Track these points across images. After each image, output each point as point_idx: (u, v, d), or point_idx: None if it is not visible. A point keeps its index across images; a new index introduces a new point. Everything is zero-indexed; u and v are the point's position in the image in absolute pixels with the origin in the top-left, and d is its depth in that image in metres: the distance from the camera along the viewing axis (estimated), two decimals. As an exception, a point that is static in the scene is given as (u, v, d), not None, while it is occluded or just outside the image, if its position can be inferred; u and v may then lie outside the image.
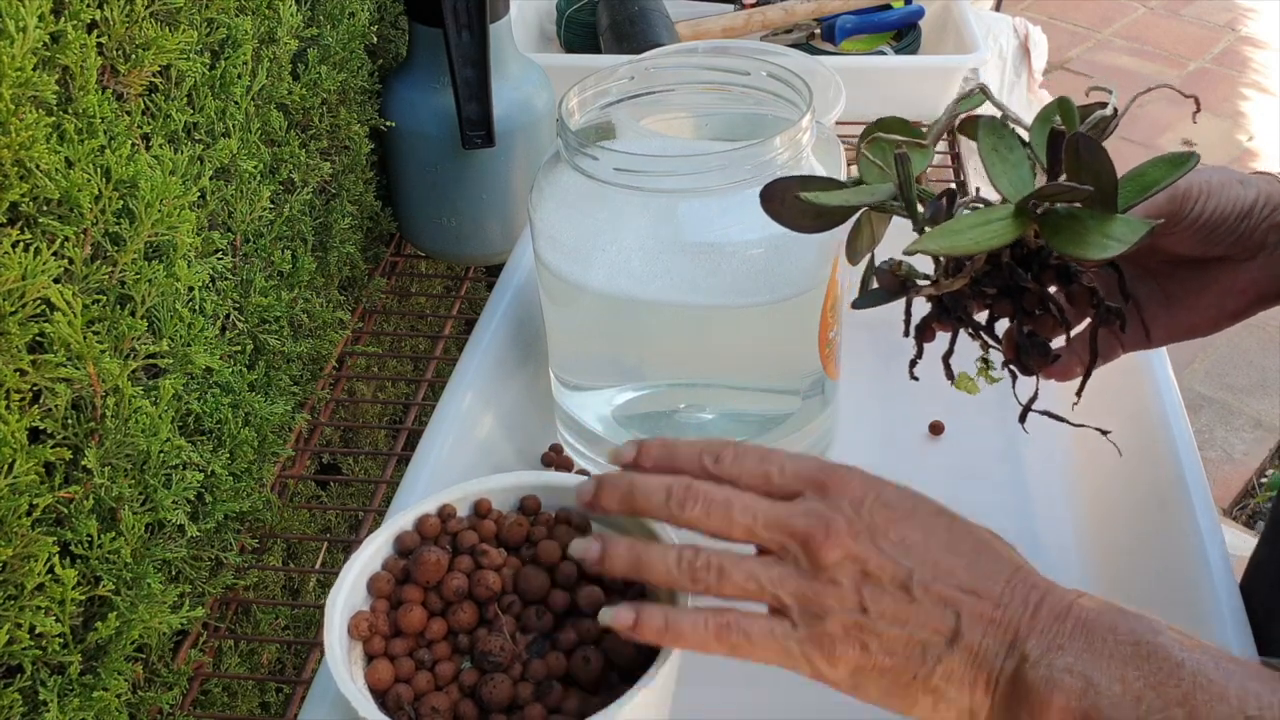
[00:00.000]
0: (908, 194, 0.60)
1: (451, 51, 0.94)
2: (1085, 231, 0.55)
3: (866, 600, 0.50)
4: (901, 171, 0.59)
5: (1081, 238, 0.55)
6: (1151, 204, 0.59)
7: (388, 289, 1.11)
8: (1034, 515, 0.79)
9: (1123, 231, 0.54)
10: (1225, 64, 3.05)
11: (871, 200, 0.62)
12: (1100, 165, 0.54)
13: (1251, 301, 0.64)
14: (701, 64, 0.80)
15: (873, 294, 0.65)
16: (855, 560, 0.50)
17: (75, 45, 0.60)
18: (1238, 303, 0.64)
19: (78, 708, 0.63)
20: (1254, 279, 0.63)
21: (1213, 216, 0.61)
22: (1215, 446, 2.00)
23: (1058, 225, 0.56)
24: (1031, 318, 0.61)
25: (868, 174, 0.64)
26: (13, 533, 0.58)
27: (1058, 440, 0.84)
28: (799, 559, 0.51)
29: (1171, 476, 0.73)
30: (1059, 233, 0.56)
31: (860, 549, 0.50)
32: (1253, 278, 0.63)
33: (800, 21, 1.34)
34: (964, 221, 0.58)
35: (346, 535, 1.03)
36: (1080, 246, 0.55)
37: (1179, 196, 0.61)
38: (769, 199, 0.63)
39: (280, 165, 0.86)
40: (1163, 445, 0.75)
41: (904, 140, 0.61)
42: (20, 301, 0.57)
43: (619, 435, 0.81)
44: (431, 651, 0.61)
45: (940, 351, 0.65)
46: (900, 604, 0.50)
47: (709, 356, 0.78)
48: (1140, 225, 0.54)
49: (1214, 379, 2.12)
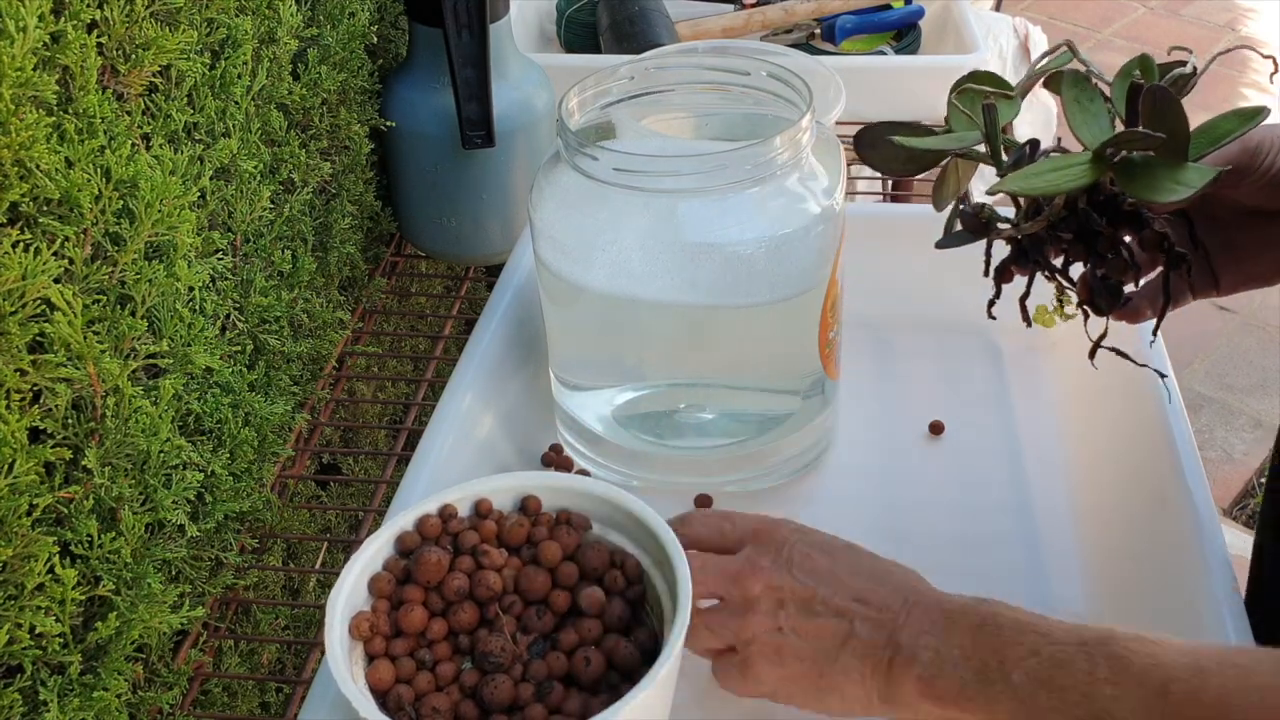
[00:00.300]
0: (994, 142, 0.64)
1: (451, 51, 0.94)
2: (1157, 178, 0.59)
3: (781, 620, 0.59)
4: (989, 120, 0.63)
5: (1153, 183, 0.59)
6: (1223, 154, 0.62)
7: (388, 289, 1.11)
8: (1034, 515, 0.79)
9: (1192, 177, 0.58)
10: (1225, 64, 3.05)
11: (960, 147, 0.66)
12: (1174, 115, 0.58)
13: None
14: (701, 64, 0.80)
15: (956, 235, 0.69)
16: (774, 590, 0.60)
17: (75, 45, 0.60)
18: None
19: (78, 708, 0.63)
20: None
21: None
22: (1215, 446, 2.00)
23: (1132, 172, 0.60)
24: (1104, 261, 0.65)
25: (956, 122, 0.67)
26: (13, 533, 0.58)
27: (1058, 440, 0.84)
28: (734, 599, 0.61)
29: (1171, 476, 0.73)
30: (1133, 179, 0.60)
31: (778, 580, 0.60)
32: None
33: (800, 21, 1.34)
34: (1044, 165, 0.62)
35: (346, 535, 1.03)
36: (1152, 191, 0.59)
37: (1250, 149, 0.63)
38: (863, 144, 0.69)
39: (280, 165, 0.86)
40: (1163, 445, 0.75)
41: (992, 91, 0.65)
42: (20, 301, 0.57)
43: (619, 435, 0.81)
44: (432, 652, 0.61)
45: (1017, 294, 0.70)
46: (807, 619, 0.59)
47: (709, 356, 0.78)
48: (1208, 172, 0.58)
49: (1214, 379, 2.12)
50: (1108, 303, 0.66)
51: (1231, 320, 2.25)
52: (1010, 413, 0.87)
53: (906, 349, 0.93)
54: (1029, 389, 0.88)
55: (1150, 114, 0.59)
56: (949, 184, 0.70)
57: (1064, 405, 0.87)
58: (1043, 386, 0.88)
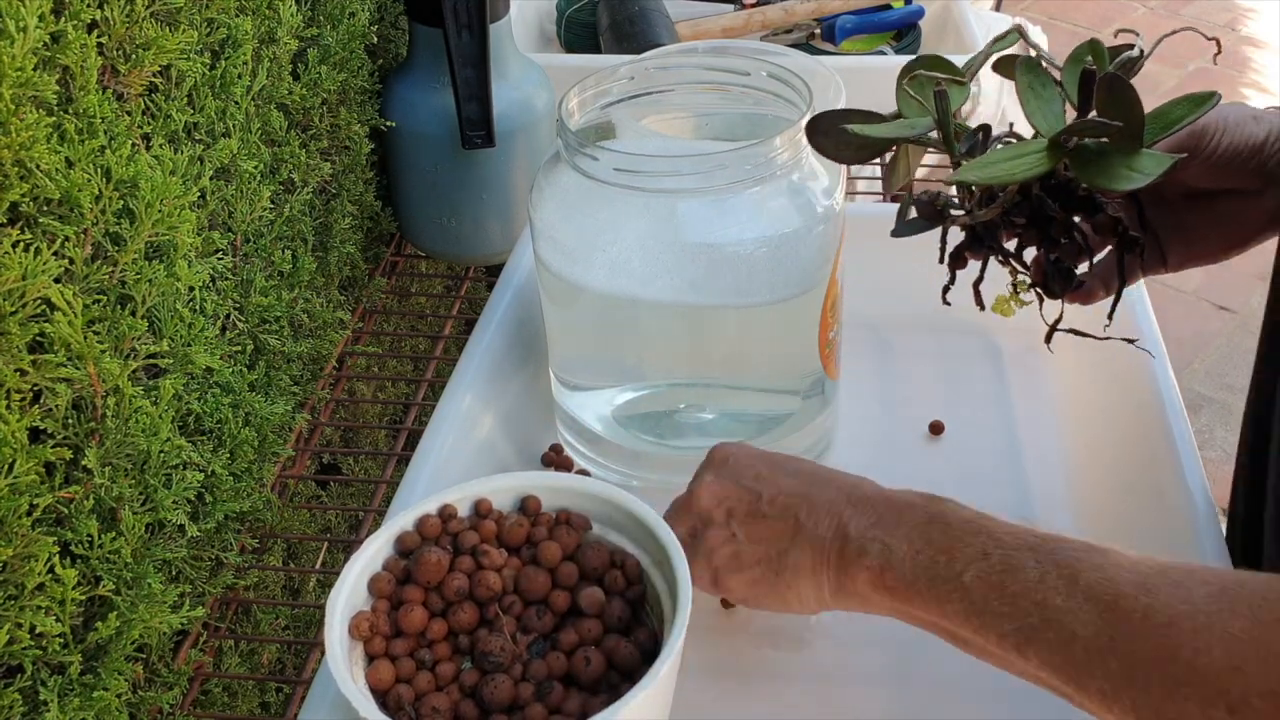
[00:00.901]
0: (945, 128, 0.63)
1: (451, 51, 0.94)
2: (1113, 165, 0.59)
3: (734, 528, 0.62)
4: (940, 107, 0.63)
5: (1109, 170, 0.59)
6: (1173, 139, 0.63)
7: (388, 289, 1.11)
8: (1034, 515, 0.79)
9: (1148, 165, 0.58)
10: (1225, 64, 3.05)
11: (912, 134, 0.66)
12: (1129, 103, 0.58)
13: (1259, 229, 0.68)
14: (701, 64, 0.80)
15: (911, 223, 0.69)
16: (721, 500, 0.63)
17: (75, 45, 0.60)
18: (1246, 231, 0.68)
19: (78, 708, 0.63)
20: (1265, 209, 0.66)
21: (1228, 151, 0.65)
22: (1215, 446, 2.00)
23: (1087, 159, 0.60)
24: (1057, 245, 0.65)
25: (906, 109, 0.67)
26: (13, 533, 0.58)
27: (1058, 440, 0.84)
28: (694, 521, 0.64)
29: (1171, 476, 0.73)
30: (1088, 166, 0.60)
31: (723, 490, 0.63)
32: (1264, 208, 0.66)
33: (800, 21, 1.34)
34: (1000, 154, 0.62)
35: (346, 535, 1.03)
36: (1108, 178, 0.59)
37: (1197, 133, 0.64)
38: (815, 133, 0.68)
39: (280, 165, 0.86)
40: (1163, 445, 0.75)
41: (943, 77, 0.65)
42: (20, 301, 0.57)
43: (619, 435, 0.81)
44: (432, 652, 0.61)
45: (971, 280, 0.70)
46: (755, 522, 0.61)
47: (709, 356, 0.78)
48: (1164, 159, 0.58)
49: (1214, 379, 2.12)
50: (1061, 286, 0.67)
51: (1231, 320, 2.25)
52: (1010, 413, 0.87)
53: (906, 349, 0.93)
54: (1029, 389, 0.88)
55: (1105, 101, 0.59)
56: (899, 170, 0.71)
57: (1064, 405, 0.87)
58: (1043, 386, 0.88)
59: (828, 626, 0.72)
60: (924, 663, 0.68)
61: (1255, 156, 0.65)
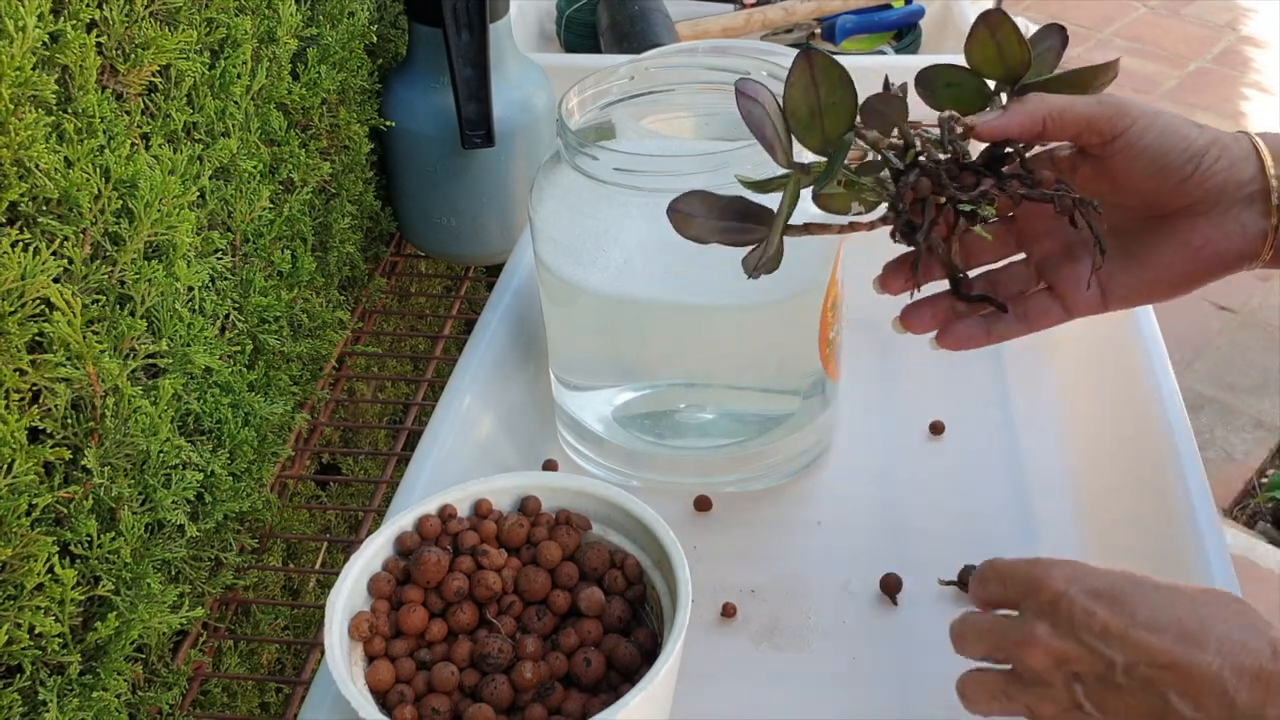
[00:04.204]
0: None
1: (451, 51, 0.94)
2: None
3: (1078, 696, 0.53)
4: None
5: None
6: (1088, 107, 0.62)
7: (388, 289, 1.11)
8: (1034, 515, 0.79)
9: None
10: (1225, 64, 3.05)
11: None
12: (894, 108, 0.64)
13: (1211, 264, 0.63)
14: (701, 64, 0.80)
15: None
16: (1060, 660, 0.53)
17: (75, 45, 0.60)
18: (1195, 264, 0.63)
19: (77, 708, 0.63)
20: (1209, 237, 0.62)
21: (1159, 146, 0.61)
22: (1215, 446, 2.00)
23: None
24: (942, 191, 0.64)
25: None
26: (12, 533, 0.58)
27: (1058, 440, 0.84)
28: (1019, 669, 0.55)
29: (1171, 476, 0.73)
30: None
31: (1063, 646, 0.53)
32: (1208, 235, 0.62)
33: (800, 21, 1.34)
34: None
35: (346, 535, 1.03)
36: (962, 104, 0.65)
37: (1112, 108, 0.61)
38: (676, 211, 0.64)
39: (280, 165, 0.86)
40: (1163, 445, 0.75)
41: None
42: (20, 301, 0.57)
43: (619, 435, 0.81)
44: (432, 652, 0.61)
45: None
46: (1107, 693, 0.52)
47: (709, 356, 0.78)
48: None
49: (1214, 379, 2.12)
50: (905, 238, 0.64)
51: (1231, 320, 2.25)
52: (1010, 413, 0.87)
53: (906, 349, 0.93)
54: (1029, 389, 0.88)
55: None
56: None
57: (1064, 405, 0.87)
58: (1043, 386, 0.88)
59: (828, 627, 0.72)
60: (924, 663, 0.68)
61: (1193, 163, 0.61)
